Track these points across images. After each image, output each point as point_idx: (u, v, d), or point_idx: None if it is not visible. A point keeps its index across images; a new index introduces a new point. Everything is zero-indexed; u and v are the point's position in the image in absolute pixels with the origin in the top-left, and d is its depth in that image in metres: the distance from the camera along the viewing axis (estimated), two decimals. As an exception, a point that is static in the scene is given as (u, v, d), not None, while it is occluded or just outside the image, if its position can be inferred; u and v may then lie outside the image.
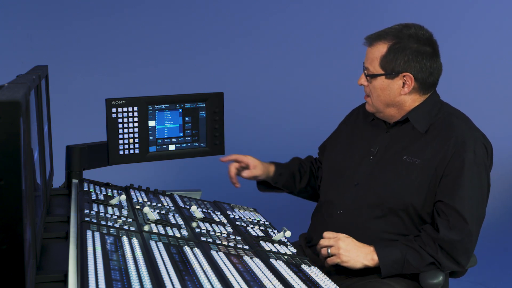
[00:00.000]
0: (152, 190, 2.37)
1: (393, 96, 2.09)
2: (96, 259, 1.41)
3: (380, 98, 2.10)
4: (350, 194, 2.15)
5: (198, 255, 1.63)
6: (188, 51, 4.83)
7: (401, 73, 2.06)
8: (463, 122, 2.10)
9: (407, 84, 2.08)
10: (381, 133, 2.19)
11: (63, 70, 4.47)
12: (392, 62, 2.06)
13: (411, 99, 2.10)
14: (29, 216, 1.22)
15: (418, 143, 2.08)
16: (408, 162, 2.07)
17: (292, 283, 1.56)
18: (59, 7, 4.71)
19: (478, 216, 2.03)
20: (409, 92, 2.08)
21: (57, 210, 2.14)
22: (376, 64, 2.08)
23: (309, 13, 4.93)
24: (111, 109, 2.37)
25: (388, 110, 2.13)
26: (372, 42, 2.10)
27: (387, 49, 2.06)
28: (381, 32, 2.11)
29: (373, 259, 2.02)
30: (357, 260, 2.01)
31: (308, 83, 4.92)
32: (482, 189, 2.05)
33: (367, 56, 2.13)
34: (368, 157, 2.17)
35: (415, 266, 2.01)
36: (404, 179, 2.06)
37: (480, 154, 2.03)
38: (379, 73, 2.09)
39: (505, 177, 4.81)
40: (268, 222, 2.27)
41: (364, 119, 2.28)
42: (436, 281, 2.01)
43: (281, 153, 4.66)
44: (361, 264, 2.02)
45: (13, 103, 1.03)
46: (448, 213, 2.00)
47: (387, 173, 2.10)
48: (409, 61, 2.05)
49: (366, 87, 2.14)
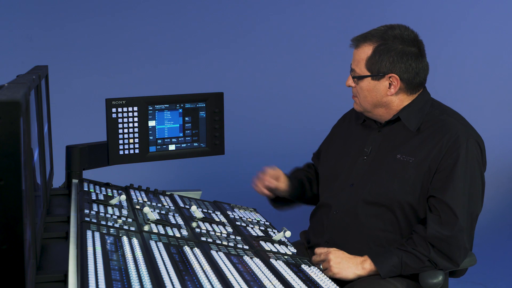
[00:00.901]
0: (152, 190, 2.37)
1: (380, 97, 2.10)
2: (96, 259, 1.41)
3: (367, 99, 2.12)
4: (346, 195, 2.15)
5: (198, 255, 1.63)
6: (188, 51, 4.83)
7: (387, 74, 2.07)
8: (456, 119, 2.11)
9: (393, 85, 2.09)
10: (373, 133, 2.20)
11: (63, 70, 4.47)
12: (378, 63, 2.07)
13: (399, 99, 2.12)
14: (29, 216, 1.22)
15: (411, 142, 2.09)
16: (402, 160, 2.08)
17: (292, 283, 1.56)
18: (59, 7, 4.71)
19: (471, 212, 2.03)
20: (395, 92, 2.10)
21: (57, 210, 2.14)
22: (362, 66, 2.10)
23: (309, 13, 4.93)
24: (111, 109, 2.37)
25: (376, 110, 2.14)
26: (358, 44, 2.12)
27: (373, 51, 2.08)
28: (366, 33, 2.13)
29: (364, 268, 2.02)
30: (349, 270, 2.02)
31: (308, 83, 4.93)
32: (475, 185, 2.05)
33: (353, 58, 2.15)
34: (362, 157, 2.18)
35: (413, 267, 2.01)
36: (399, 177, 2.07)
37: (473, 151, 2.04)
38: (365, 75, 2.10)
39: (506, 177, 4.81)
40: (268, 222, 2.27)
41: (356, 121, 2.30)
42: (436, 281, 2.01)
43: (281, 153, 4.67)
44: (353, 274, 2.02)
45: (13, 103, 1.03)
46: (440, 208, 2.01)
47: (382, 172, 2.11)
48: (394, 62, 2.06)
49: (353, 88, 2.16)
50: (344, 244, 2.11)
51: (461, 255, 2.03)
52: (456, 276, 2.24)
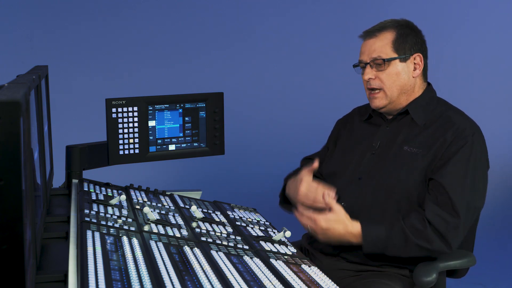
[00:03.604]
0: (152, 190, 2.37)
1: (407, 79, 2.17)
2: (96, 259, 1.41)
3: (395, 84, 2.16)
4: (354, 187, 2.17)
5: (198, 255, 1.63)
6: (188, 51, 4.83)
7: (412, 55, 2.17)
8: (462, 116, 2.16)
9: (418, 65, 2.18)
10: (381, 128, 2.23)
11: (63, 70, 4.47)
12: (404, 44, 2.16)
13: (418, 85, 2.20)
14: (29, 216, 1.22)
15: (418, 135, 2.13)
16: (409, 152, 2.12)
17: (292, 283, 1.56)
18: (60, 8, 4.71)
19: (469, 201, 2.03)
20: (418, 75, 2.19)
21: (57, 210, 2.14)
22: (389, 49, 2.16)
23: (309, 14, 4.93)
24: (111, 109, 2.37)
25: (400, 98, 2.18)
26: (376, 33, 2.18)
27: (396, 34, 2.16)
28: (380, 24, 2.21)
29: (350, 233, 2.04)
30: (333, 240, 2.05)
31: (308, 83, 4.93)
32: (477, 176, 2.06)
33: (370, 48, 2.17)
34: (370, 152, 2.21)
35: (398, 246, 2.01)
36: (406, 167, 2.10)
37: (478, 145, 2.08)
38: (393, 57, 2.15)
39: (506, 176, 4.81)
40: (268, 222, 2.27)
41: (360, 120, 2.33)
42: (430, 279, 2.01)
43: (281, 153, 4.67)
44: (340, 231, 2.03)
45: (13, 103, 1.03)
46: (437, 190, 2.03)
47: (390, 163, 2.14)
48: (417, 42, 2.18)
49: (374, 80, 2.16)
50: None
51: (455, 238, 2.01)
52: (457, 277, 2.24)
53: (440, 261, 2.08)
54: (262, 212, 2.45)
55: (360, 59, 2.21)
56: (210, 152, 2.58)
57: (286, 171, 2.48)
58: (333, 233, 2.04)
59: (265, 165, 4.71)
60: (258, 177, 4.65)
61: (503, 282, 3.95)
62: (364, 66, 2.19)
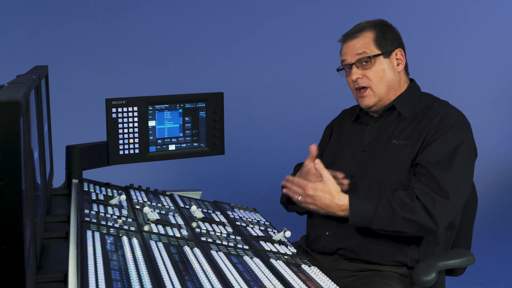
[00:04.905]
0: (152, 190, 2.37)
1: (393, 75, 2.20)
2: (96, 259, 1.41)
3: (383, 80, 2.18)
4: (348, 185, 2.17)
5: (198, 255, 1.63)
6: (188, 51, 4.83)
7: (394, 50, 2.20)
8: (447, 106, 2.18)
9: (400, 60, 2.21)
10: (369, 126, 2.25)
11: (63, 70, 4.47)
12: (385, 40, 2.19)
13: (402, 80, 2.23)
14: (29, 216, 1.22)
15: (405, 128, 2.16)
16: (397, 145, 2.14)
17: (292, 283, 1.56)
18: (60, 8, 4.71)
19: (454, 182, 2.03)
20: (401, 70, 2.22)
21: (57, 210, 2.14)
22: (372, 47, 2.18)
23: (309, 14, 4.93)
24: (111, 109, 2.37)
25: (388, 94, 2.20)
26: (356, 34, 2.21)
27: (376, 32, 2.20)
28: (357, 26, 2.24)
29: (338, 206, 2.05)
30: (323, 196, 2.05)
31: (308, 83, 4.93)
32: (460, 156, 2.05)
33: (353, 48, 2.19)
34: (361, 149, 2.23)
35: (384, 219, 2.01)
36: (396, 159, 2.12)
37: (462, 128, 2.09)
38: (378, 53, 2.18)
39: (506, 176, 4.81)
40: (268, 222, 2.27)
41: (349, 121, 2.36)
42: (429, 278, 2.01)
43: (281, 153, 4.67)
44: (326, 201, 2.04)
45: (13, 103, 1.03)
46: (422, 171, 2.04)
47: (380, 158, 2.16)
48: (396, 38, 2.23)
49: (362, 79, 2.18)
50: (345, 232, 2.13)
51: (443, 216, 2.01)
52: (455, 275, 2.24)
53: (439, 260, 2.08)
54: (262, 212, 2.45)
55: (343, 61, 2.22)
56: (210, 152, 2.58)
57: (286, 171, 2.48)
58: (320, 202, 2.06)
59: (265, 165, 4.72)
60: (258, 177, 4.66)
61: (503, 282, 3.95)
62: (349, 67, 2.20)
